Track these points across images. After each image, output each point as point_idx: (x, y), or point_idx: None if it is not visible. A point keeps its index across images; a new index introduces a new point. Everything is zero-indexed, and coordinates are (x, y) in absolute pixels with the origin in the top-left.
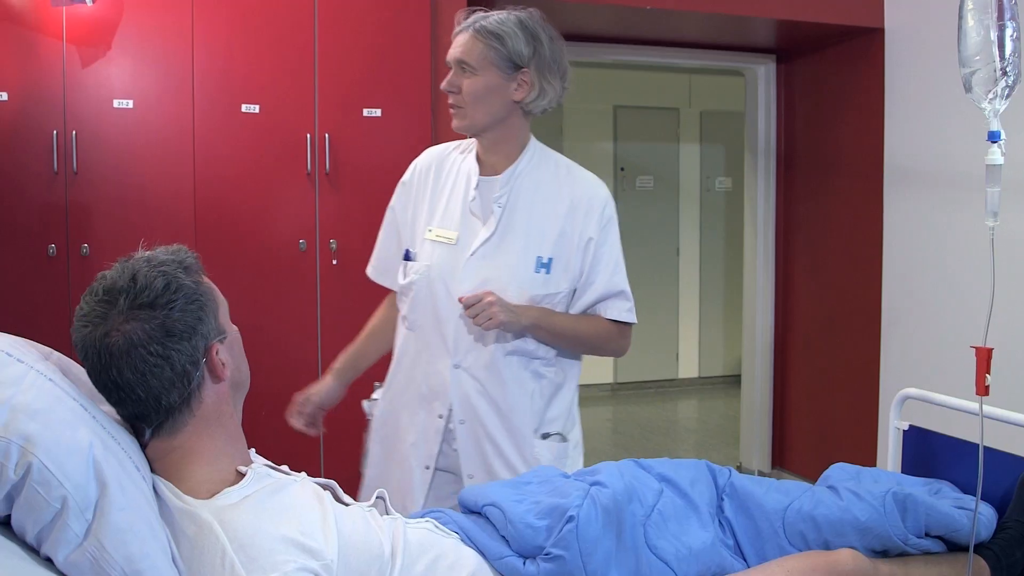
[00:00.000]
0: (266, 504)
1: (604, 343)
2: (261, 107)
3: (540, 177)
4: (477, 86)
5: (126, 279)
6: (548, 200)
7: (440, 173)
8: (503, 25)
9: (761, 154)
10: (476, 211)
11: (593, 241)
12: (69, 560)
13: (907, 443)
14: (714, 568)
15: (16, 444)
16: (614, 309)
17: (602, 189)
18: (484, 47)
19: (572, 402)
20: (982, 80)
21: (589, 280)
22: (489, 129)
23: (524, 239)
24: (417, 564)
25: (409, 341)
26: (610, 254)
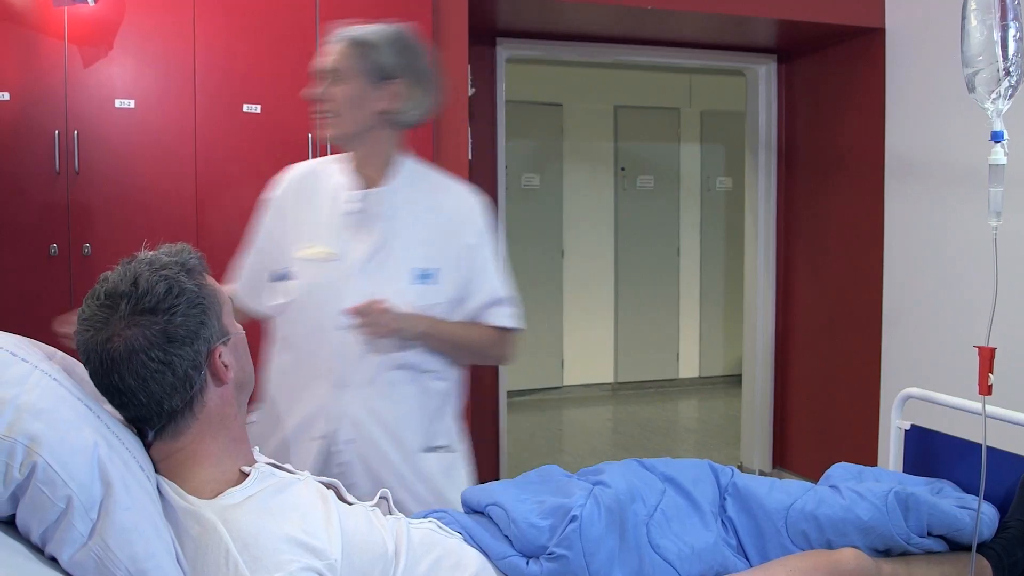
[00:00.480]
0: (270, 503)
1: (490, 349)
2: (263, 107)
3: (416, 189)
4: (346, 94)
5: (128, 283)
6: (426, 211)
7: (310, 189)
8: (375, 36)
9: (762, 154)
10: (353, 226)
11: (472, 248)
12: (74, 560)
13: (909, 443)
14: (717, 567)
15: (21, 444)
16: (499, 315)
17: (477, 197)
18: (354, 56)
19: (458, 414)
20: (985, 80)
21: (473, 288)
22: (358, 139)
23: (404, 251)
24: (420, 563)
25: (286, 362)
26: (491, 261)
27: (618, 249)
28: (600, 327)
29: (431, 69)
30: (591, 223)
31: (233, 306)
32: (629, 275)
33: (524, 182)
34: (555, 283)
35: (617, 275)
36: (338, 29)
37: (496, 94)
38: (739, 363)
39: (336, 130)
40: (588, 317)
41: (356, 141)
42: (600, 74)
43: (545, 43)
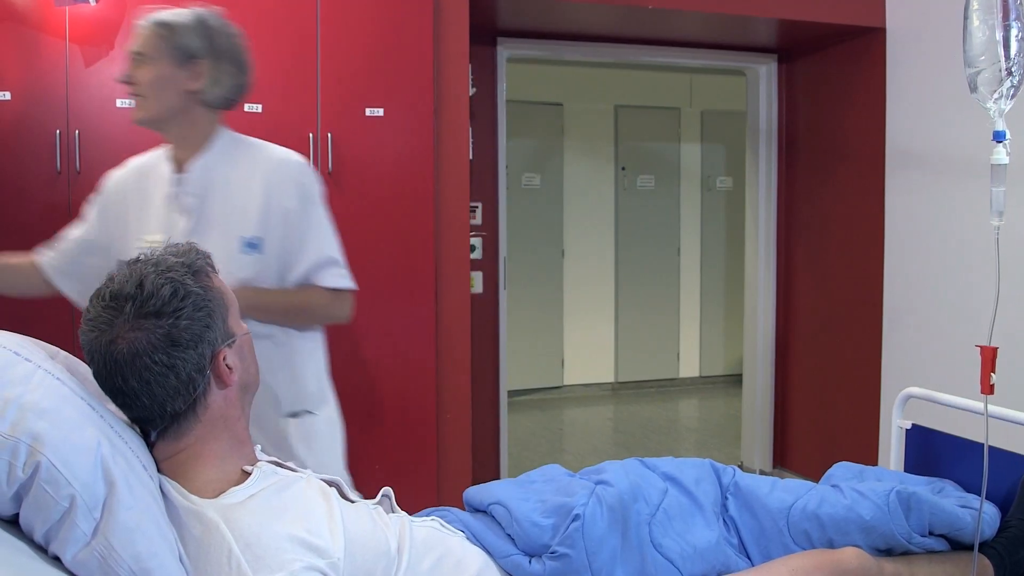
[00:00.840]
0: (272, 502)
1: (322, 310)
2: (263, 107)
3: (233, 161)
4: (152, 75)
5: (133, 285)
6: (243, 180)
7: (139, 181)
8: (179, 17)
9: (762, 153)
10: (175, 209)
11: (294, 212)
12: (77, 559)
13: (910, 442)
14: (719, 567)
15: (24, 443)
16: (328, 276)
17: (295, 158)
18: (158, 37)
19: (319, 376)
20: (987, 80)
21: (299, 251)
22: (169, 120)
23: (225, 223)
24: (423, 561)
25: None
26: (316, 222)
27: (619, 249)
28: (600, 327)
29: (237, 49)
30: (592, 223)
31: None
32: (630, 275)
33: (524, 182)
34: (555, 283)
35: (617, 275)
36: (145, 13)
37: (497, 93)
38: (739, 363)
39: (143, 112)
40: (588, 317)
41: (168, 123)
42: (600, 74)
43: (546, 43)
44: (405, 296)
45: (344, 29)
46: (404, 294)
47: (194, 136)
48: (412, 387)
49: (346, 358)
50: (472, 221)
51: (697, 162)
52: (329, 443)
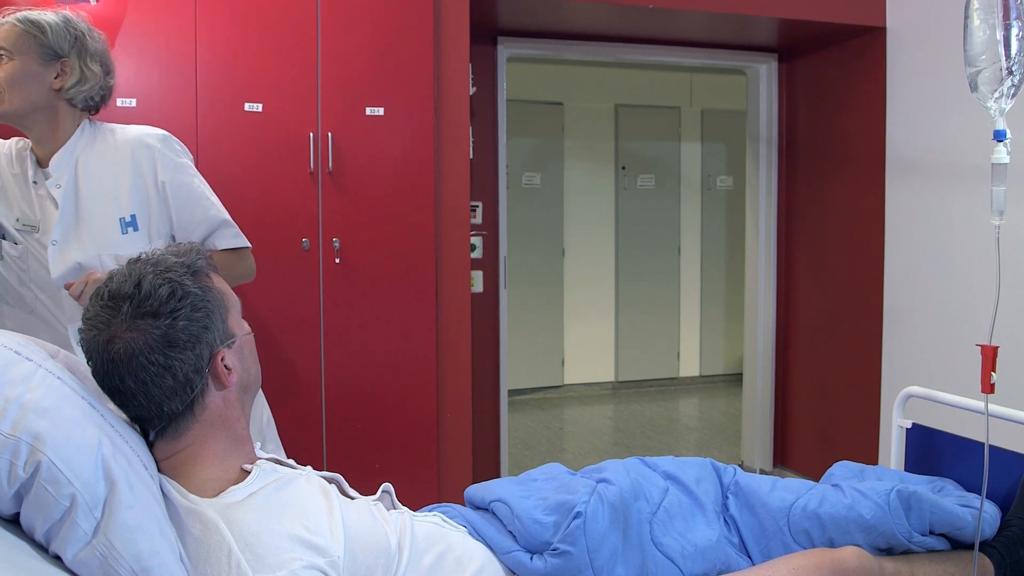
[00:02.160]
0: (271, 501)
1: (231, 272)
2: (264, 106)
3: (96, 147)
4: (15, 71)
5: (131, 285)
6: (109, 162)
7: (16, 159)
8: (45, 17)
9: (763, 153)
10: (44, 200)
11: (167, 184)
12: (78, 558)
13: (910, 441)
14: (720, 566)
15: (25, 442)
16: (224, 239)
17: (156, 132)
18: (23, 34)
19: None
20: (988, 79)
21: (187, 221)
22: (29, 116)
23: (99, 207)
24: (424, 558)
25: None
26: (196, 189)
27: (619, 248)
28: (601, 326)
29: (104, 51)
30: (592, 222)
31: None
32: (630, 274)
33: (525, 181)
34: (556, 282)
35: (618, 274)
36: (4, 10)
37: (497, 93)
38: (740, 362)
39: (6, 106)
40: (589, 316)
41: (28, 119)
42: (601, 73)
43: (546, 42)
44: (405, 295)
45: (344, 28)
46: (404, 293)
47: (55, 134)
48: (412, 386)
49: (347, 357)
50: (472, 220)
51: (697, 161)
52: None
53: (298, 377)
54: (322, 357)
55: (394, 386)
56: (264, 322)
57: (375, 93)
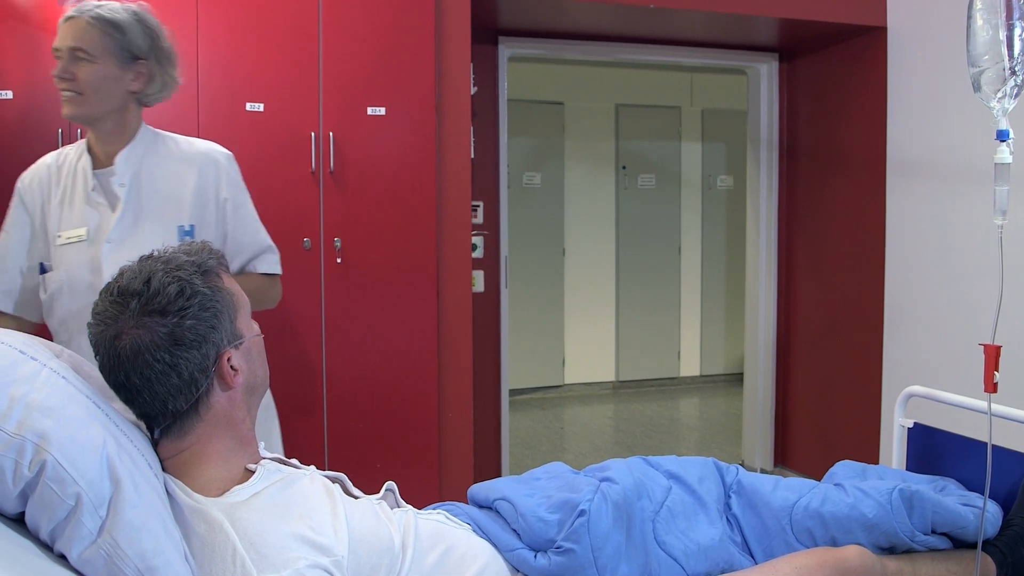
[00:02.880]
0: (276, 500)
1: (263, 296)
2: (265, 106)
3: (158, 152)
4: (96, 75)
5: (140, 282)
6: (174, 171)
7: (55, 180)
8: (119, 15)
9: (764, 152)
10: (101, 200)
11: (229, 201)
12: (83, 557)
13: (911, 440)
14: (722, 565)
15: (30, 442)
16: (265, 263)
17: (223, 149)
18: (102, 35)
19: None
20: (990, 79)
21: (237, 241)
22: (106, 118)
23: (160, 212)
24: (428, 556)
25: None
26: (251, 212)
27: (619, 248)
28: (601, 326)
29: (172, 49)
30: (592, 222)
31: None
32: (630, 274)
33: (525, 181)
34: (556, 282)
35: (618, 274)
36: (72, 4)
37: (498, 92)
38: (740, 362)
39: (84, 109)
40: (589, 316)
41: (103, 121)
42: (601, 72)
43: (547, 41)
44: (407, 295)
45: (346, 28)
46: (406, 293)
47: (122, 133)
48: (414, 386)
49: (348, 357)
50: (473, 220)
51: (698, 161)
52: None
53: (299, 377)
54: (323, 357)
55: (395, 386)
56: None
57: (376, 93)
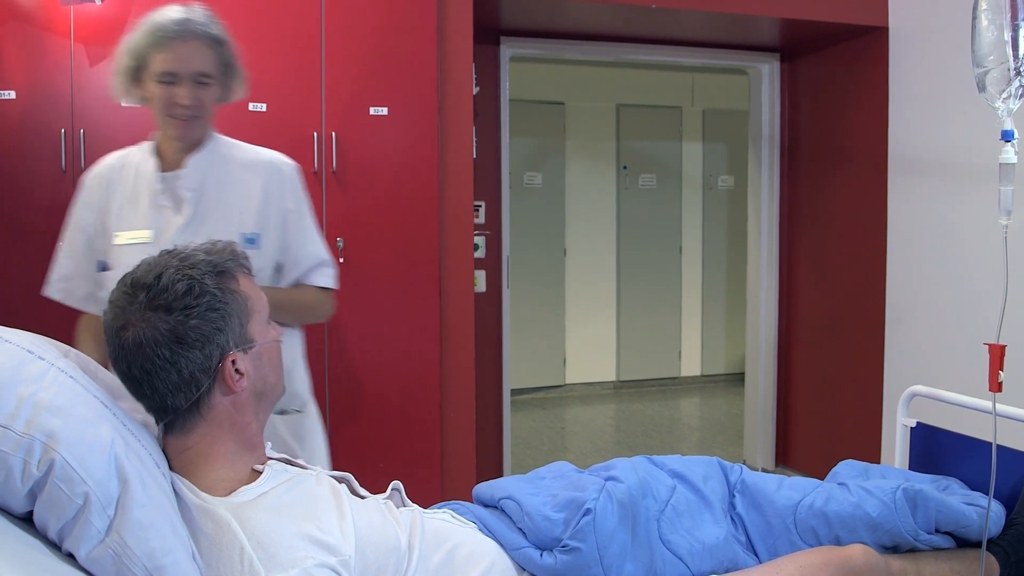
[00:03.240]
0: (283, 500)
1: (317, 309)
2: (268, 106)
3: (226, 158)
4: (213, 96)
5: (152, 275)
6: (241, 178)
7: (119, 180)
8: (218, 28)
9: (765, 152)
10: (166, 203)
11: (292, 212)
12: (91, 556)
13: (914, 440)
14: (727, 563)
15: (39, 441)
16: (322, 277)
17: (289, 160)
18: (215, 56)
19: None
20: (995, 80)
21: (297, 252)
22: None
23: (224, 218)
24: (435, 555)
25: None
26: (311, 225)
27: (620, 248)
28: (602, 325)
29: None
30: (593, 221)
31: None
32: (631, 273)
33: (526, 180)
34: (557, 281)
35: (619, 273)
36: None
37: (500, 92)
38: (740, 362)
39: (198, 132)
40: (590, 315)
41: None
42: (602, 72)
43: (549, 41)
44: (409, 295)
45: (348, 28)
46: (408, 293)
47: (201, 137)
48: (416, 385)
49: (351, 357)
50: (475, 220)
51: (699, 161)
52: (317, 441)
53: None
54: (326, 356)
55: (398, 385)
56: None
57: (379, 93)
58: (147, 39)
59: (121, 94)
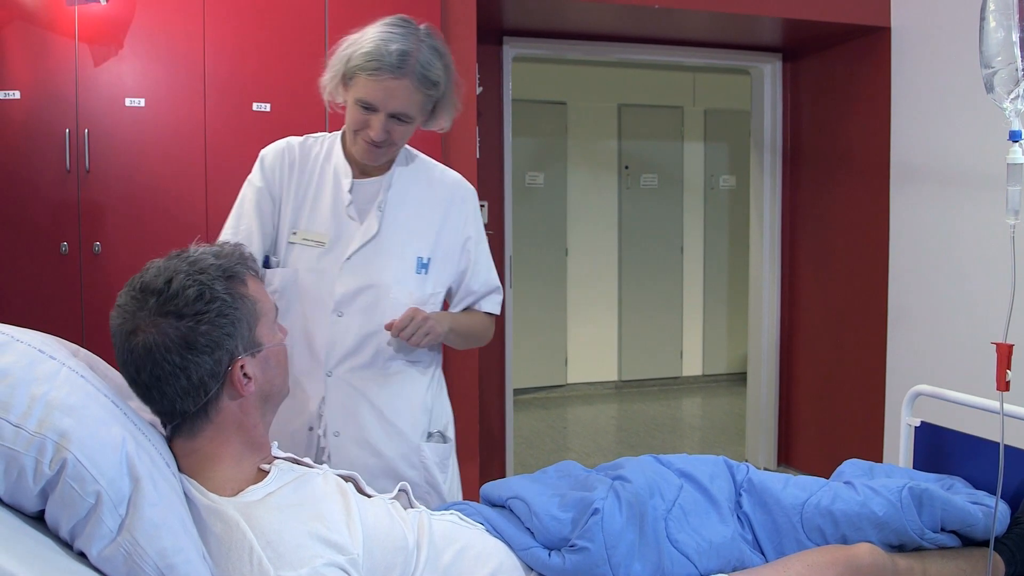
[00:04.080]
0: (290, 499)
1: (484, 335)
2: (272, 106)
3: (414, 177)
4: (408, 133)
5: (162, 280)
6: (424, 200)
7: (303, 171)
8: (437, 71)
9: (767, 152)
10: (353, 214)
11: (472, 240)
12: (103, 555)
13: (919, 439)
14: (734, 562)
15: (51, 440)
16: (490, 303)
17: (470, 186)
18: (424, 99)
19: (447, 402)
20: (1004, 80)
21: (472, 278)
22: None
23: (404, 239)
24: (443, 555)
25: None
26: (486, 251)
27: (622, 247)
28: (604, 325)
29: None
30: (595, 221)
31: None
32: (633, 273)
33: (528, 180)
34: (559, 281)
35: (621, 273)
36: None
37: (503, 93)
38: (742, 361)
39: (383, 159)
40: (592, 315)
41: None
42: (604, 72)
43: (551, 42)
44: None
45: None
46: None
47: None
48: None
49: None
50: None
51: (700, 161)
52: (453, 468)
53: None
54: None
55: None
56: None
57: None
58: (362, 60)
59: (326, 89)
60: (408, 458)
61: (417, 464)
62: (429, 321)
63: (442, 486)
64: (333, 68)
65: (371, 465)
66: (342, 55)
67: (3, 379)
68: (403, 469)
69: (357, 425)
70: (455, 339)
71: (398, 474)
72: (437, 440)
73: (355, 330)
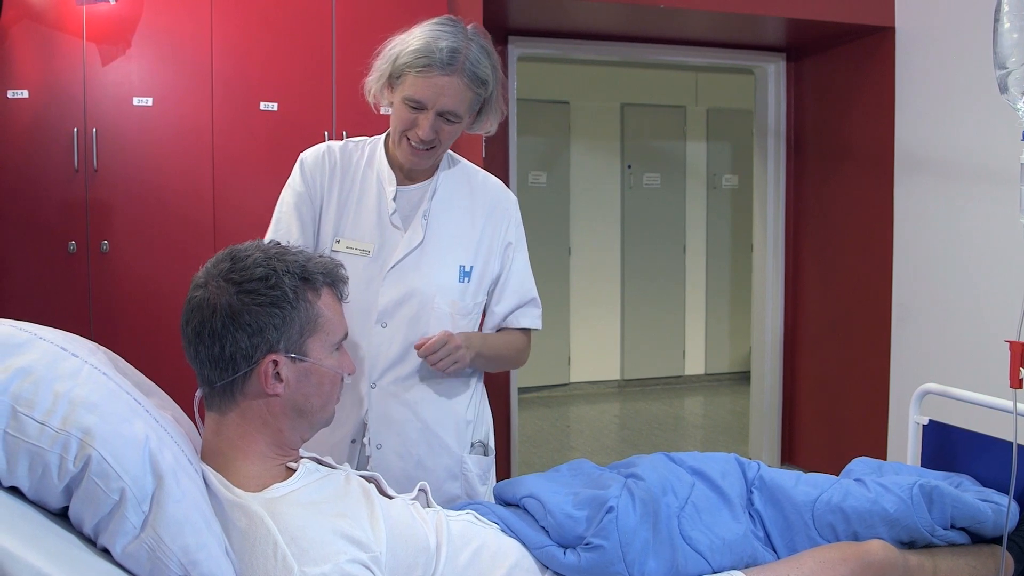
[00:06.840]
0: (314, 497)
1: (519, 356)
2: (279, 105)
3: (456, 184)
4: (456, 133)
5: (244, 253)
6: (466, 208)
7: (345, 177)
8: (486, 68)
9: (771, 151)
10: (398, 223)
11: (512, 246)
12: (127, 551)
13: (926, 437)
14: (746, 559)
15: (75, 437)
16: (527, 317)
17: (511, 193)
18: (473, 97)
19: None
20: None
21: (505, 286)
22: None
23: (447, 248)
24: (461, 555)
25: None
26: (525, 259)
27: (625, 246)
28: (607, 324)
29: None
30: (598, 220)
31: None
32: (635, 272)
33: (531, 179)
34: (562, 280)
35: (624, 272)
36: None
37: (508, 92)
38: (744, 360)
39: (430, 161)
40: (595, 314)
41: None
42: (607, 72)
43: (555, 41)
44: None
45: (359, 28)
46: None
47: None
48: None
49: None
50: None
51: (703, 160)
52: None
53: None
54: None
55: None
56: None
57: None
58: (411, 57)
59: (371, 92)
60: (451, 469)
61: (459, 475)
62: (460, 350)
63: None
64: (379, 69)
65: (413, 476)
66: (389, 54)
67: (27, 376)
68: (445, 482)
69: (401, 437)
70: (482, 363)
71: (440, 487)
72: (479, 450)
73: (399, 341)
